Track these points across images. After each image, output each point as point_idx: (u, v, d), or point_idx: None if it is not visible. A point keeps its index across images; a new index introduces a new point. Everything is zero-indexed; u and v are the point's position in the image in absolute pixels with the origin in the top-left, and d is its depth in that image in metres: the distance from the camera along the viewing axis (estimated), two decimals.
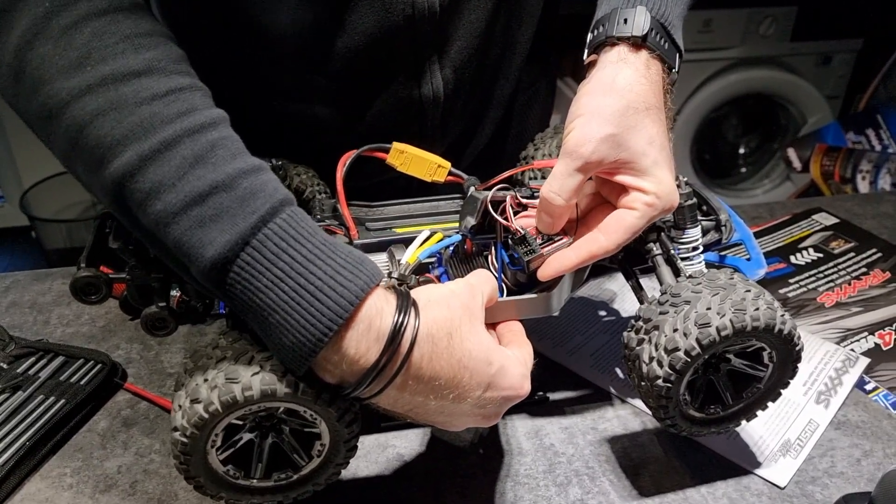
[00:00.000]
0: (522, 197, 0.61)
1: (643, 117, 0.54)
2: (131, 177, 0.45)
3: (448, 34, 0.72)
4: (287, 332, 0.45)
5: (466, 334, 0.49)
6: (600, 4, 0.62)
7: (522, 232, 0.57)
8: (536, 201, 0.58)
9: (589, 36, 0.60)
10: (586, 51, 0.60)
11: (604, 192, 0.59)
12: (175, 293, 0.62)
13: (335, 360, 0.46)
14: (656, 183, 0.55)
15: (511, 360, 0.52)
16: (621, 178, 0.55)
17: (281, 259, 0.45)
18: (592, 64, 0.59)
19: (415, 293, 0.49)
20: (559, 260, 0.57)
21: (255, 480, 0.53)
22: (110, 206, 0.48)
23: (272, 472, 0.53)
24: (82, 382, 0.70)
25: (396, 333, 0.46)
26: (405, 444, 0.66)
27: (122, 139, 0.45)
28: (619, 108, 0.54)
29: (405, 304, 0.47)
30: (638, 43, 0.56)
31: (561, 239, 0.58)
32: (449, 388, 0.48)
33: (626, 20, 0.56)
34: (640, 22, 0.56)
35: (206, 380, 0.49)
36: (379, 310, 0.46)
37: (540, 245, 0.57)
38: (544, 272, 0.57)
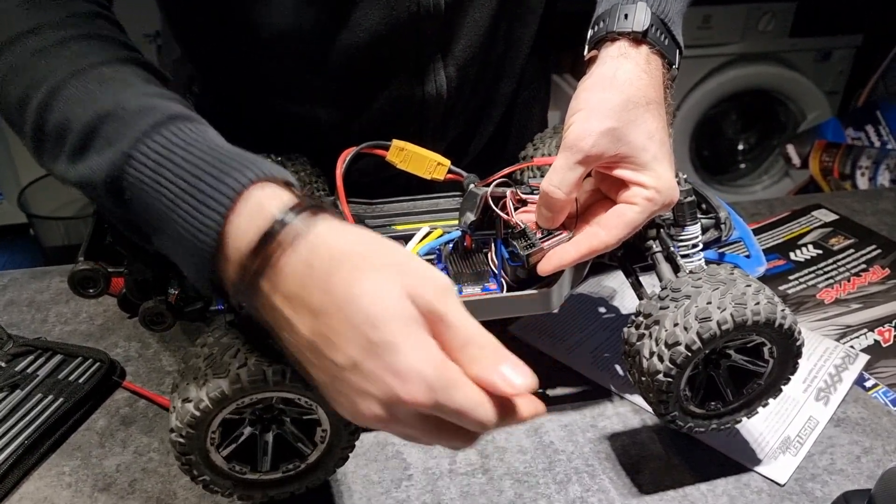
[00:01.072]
0: (522, 193, 0.61)
1: (643, 112, 0.54)
2: (41, 131, 0.48)
3: (452, 32, 0.72)
4: (183, 235, 0.43)
5: (364, 281, 0.40)
6: (600, 1, 0.61)
7: (522, 226, 0.57)
8: (536, 197, 0.58)
9: (589, 32, 0.60)
10: (587, 47, 0.60)
11: (603, 188, 0.59)
12: (173, 291, 0.62)
13: (225, 255, 0.42)
14: (656, 178, 0.55)
15: (418, 349, 0.39)
16: (621, 173, 0.55)
17: (164, 167, 0.44)
18: (593, 60, 0.58)
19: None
20: (559, 255, 0.57)
21: (262, 474, 0.53)
22: (66, 183, 0.49)
23: (280, 464, 0.53)
24: (81, 381, 0.70)
25: (271, 232, 0.41)
26: (404, 443, 0.66)
27: (24, 97, 0.48)
28: (619, 103, 0.54)
29: (299, 208, 0.42)
30: (638, 38, 0.56)
31: (560, 234, 0.58)
32: (320, 324, 0.40)
33: (626, 16, 0.57)
34: (640, 17, 0.56)
35: (195, 378, 0.49)
36: (263, 204, 0.42)
37: (540, 240, 0.57)
38: (544, 267, 0.57)
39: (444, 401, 0.39)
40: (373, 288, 0.39)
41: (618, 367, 0.74)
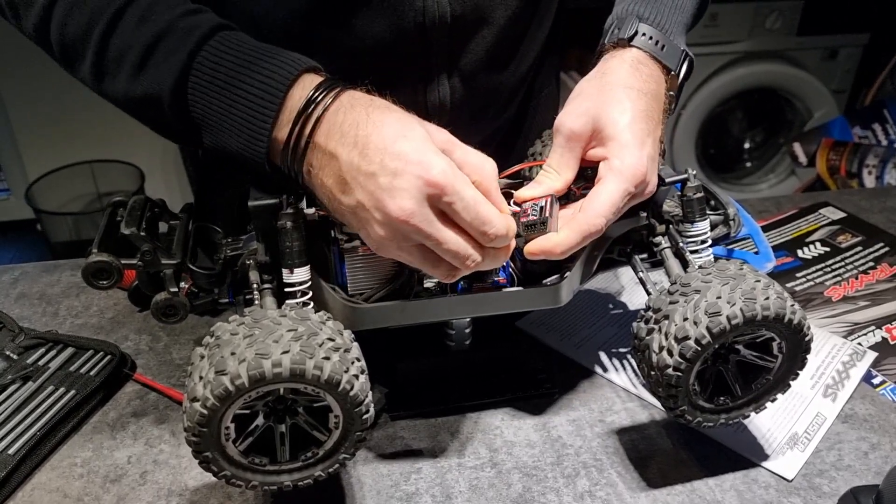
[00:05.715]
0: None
1: (620, 93, 0.58)
2: (103, 55, 0.56)
3: (460, 44, 0.72)
4: (246, 114, 0.53)
5: (394, 116, 0.53)
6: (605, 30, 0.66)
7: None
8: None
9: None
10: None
11: None
12: (184, 284, 0.62)
13: (280, 119, 0.53)
14: (619, 148, 0.56)
15: (421, 150, 0.51)
16: (595, 153, 0.58)
17: (225, 61, 0.54)
18: None
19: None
20: (549, 242, 0.56)
21: (282, 464, 0.54)
22: (127, 103, 0.57)
23: (298, 454, 0.54)
24: (92, 373, 0.70)
25: (321, 85, 0.53)
26: (414, 437, 0.66)
27: (89, 26, 0.55)
28: (597, 86, 0.59)
29: (335, 80, 0.54)
30: (625, 44, 0.61)
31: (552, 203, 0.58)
32: (361, 140, 0.51)
33: (619, 28, 0.62)
34: (627, 27, 0.62)
35: (200, 377, 0.50)
36: (315, 77, 0.54)
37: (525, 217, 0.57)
38: (530, 248, 0.57)
39: (458, 187, 0.51)
40: (400, 121, 0.53)
41: (626, 363, 0.75)
